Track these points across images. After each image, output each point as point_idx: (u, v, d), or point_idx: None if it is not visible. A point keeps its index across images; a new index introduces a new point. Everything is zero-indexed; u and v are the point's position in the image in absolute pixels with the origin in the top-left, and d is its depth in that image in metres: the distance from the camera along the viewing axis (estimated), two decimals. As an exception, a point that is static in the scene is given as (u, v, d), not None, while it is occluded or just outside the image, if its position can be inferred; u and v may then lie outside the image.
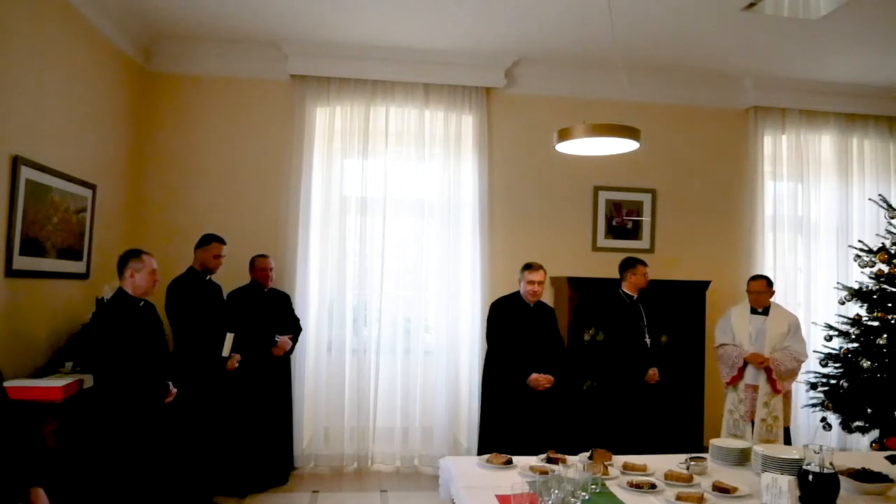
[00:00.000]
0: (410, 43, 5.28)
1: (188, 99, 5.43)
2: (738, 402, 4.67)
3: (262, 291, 4.88)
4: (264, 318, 4.79)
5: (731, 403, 4.72)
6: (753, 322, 4.75)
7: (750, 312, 4.79)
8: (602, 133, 3.42)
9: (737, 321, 4.78)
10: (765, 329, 4.69)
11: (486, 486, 2.47)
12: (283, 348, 4.79)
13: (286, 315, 4.98)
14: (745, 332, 4.72)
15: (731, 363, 4.69)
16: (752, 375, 4.66)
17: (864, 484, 2.51)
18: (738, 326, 4.76)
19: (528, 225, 5.79)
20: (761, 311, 4.78)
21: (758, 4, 4.36)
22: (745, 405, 4.64)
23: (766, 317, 4.75)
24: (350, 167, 5.53)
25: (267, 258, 4.91)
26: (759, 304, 4.78)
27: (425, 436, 5.46)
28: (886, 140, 6.24)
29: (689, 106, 6.04)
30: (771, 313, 4.75)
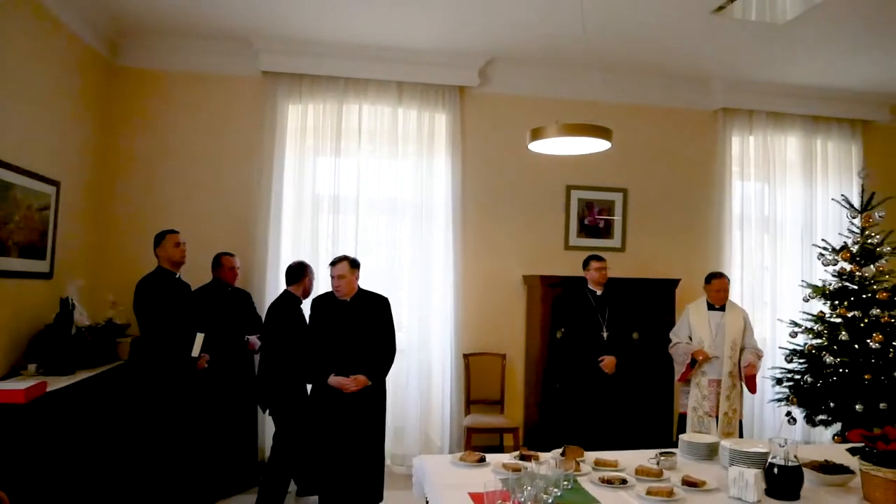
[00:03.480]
0: (384, 41, 5.26)
1: (156, 94, 5.34)
2: (702, 399, 4.73)
3: (226, 290, 4.82)
4: (230, 318, 4.74)
5: (695, 400, 4.76)
6: (712, 318, 4.84)
7: (707, 309, 4.89)
8: (574, 133, 3.45)
9: (696, 319, 4.85)
10: (723, 324, 4.80)
11: (460, 485, 2.47)
12: (255, 347, 4.76)
13: (249, 314, 4.94)
14: (706, 329, 4.81)
15: (680, 360, 4.79)
16: (716, 371, 4.74)
17: (827, 476, 2.58)
18: (697, 324, 4.83)
19: (500, 224, 5.82)
20: (718, 307, 4.88)
21: (726, 8, 4.43)
22: (710, 401, 4.72)
23: (722, 312, 4.86)
24: (322, 165, 5.48)
25: (234, 256, 4.86)
26: (721, 301, 4.88)
27: (397, 435, 5.44)
28: (849, 142, 6.41)
29: (659, 107, 6.12)
30: (727, 309, 4.88)
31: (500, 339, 5.75)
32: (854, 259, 5.16)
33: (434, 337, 5.57)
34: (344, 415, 3.98)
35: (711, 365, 4.74)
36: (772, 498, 2.39)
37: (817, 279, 5.47)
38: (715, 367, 4.74)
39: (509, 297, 5.81)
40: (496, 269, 5.78)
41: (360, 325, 4.09)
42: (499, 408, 5.60)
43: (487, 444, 5.41)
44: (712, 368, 4.74)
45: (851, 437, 2.48)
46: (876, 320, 4.92)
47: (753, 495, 2.34)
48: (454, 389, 5.53)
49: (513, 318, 5.82)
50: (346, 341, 4.05)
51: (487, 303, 5.75)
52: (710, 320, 4.83)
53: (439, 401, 5.55)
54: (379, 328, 4.15)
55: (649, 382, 5.44)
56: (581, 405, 4.80)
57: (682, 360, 4.79)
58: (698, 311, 4.89)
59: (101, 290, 4.90)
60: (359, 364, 4.03)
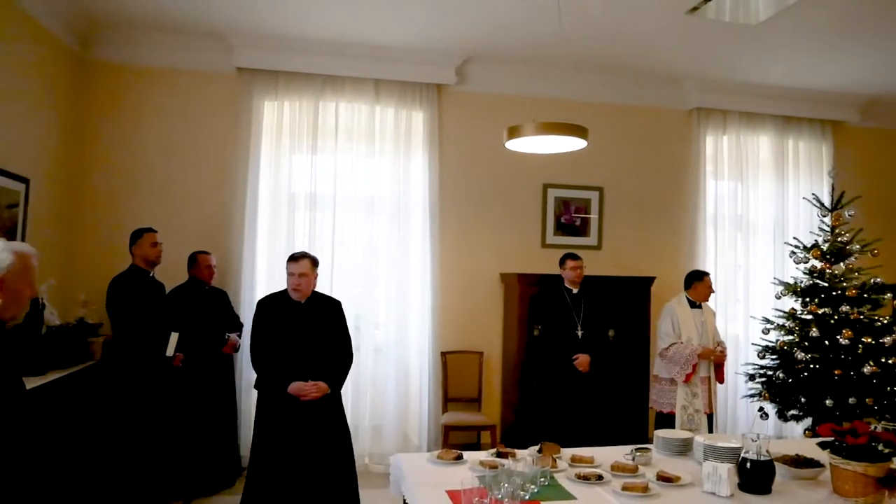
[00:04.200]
0: (360, 38, 5.23)
1: (129, 90, 5.25)
2: (693, 397, 4.75)
3: (203, 289, 4.77)
4: (208, 317, 4.69)
5: (685, 399, 4.76)
6: (695, 316, 4.91)
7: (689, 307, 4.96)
8: (551, 131, 3.47)
9: (683, 318, 4.88)
10: (704, 321, 4.90)
11: (437, 483, 2.47)
12: (234, 345, 4.72)
13: (227, 313, 4.89)
14: (693, 326, 4.84)
15: (683, 361, 4.75)
16: (705, 368, 4.82)
17: (798, 469, 2.63)
18: (685, 323, 4.86)
19: (478, 222, 5.83)
20: (697, 304, 4.96)
21: (700, 8, 4.48)
22: (702, 398, 4.75)
23: (700, 310, 4.95)
24: (299, 163, 5.44)
25: (210, 255, 4.80)
26: (706, 299, 4.95)
27: (375, 434, 5.43)
28: (819, 142, 6.52)
29: (635, 106, 6.17)
30: (703, 306, 4.97)
31: (477, 338, 5.76)
32: (824, 257, 5.25)
33: (412, 335, 5.57)
34: (304, 426, 3.57)
35: (701, 363, 4.79)
36: (744, 492, 2.42)
37: (789, 277, 5.56)
38: (704, 364, 4.81)
39: (487, 295, 5.83)
40: (473, 268, 5.79)
41: (316, 330, 3.70)
42: (476, 405, 5.62)
43: (465, 442, 5.42)
44: (702, 366, 4.80)
45: (822, 431, 2.53)
46: (845, 317, 5.02)
47: (727, 489, 2.37)
48: (432, 387, 5.53)
49: (490, 317, 5.83)
50: (302, 346, 3.64)
51: (465, 301, 5.76)
52: (695, 318, 4.89)
53: (417, 399, 5.55)
54: (335, 333, 3.78)
55: (624, 379, 5.49)
56: (557, 402, 4.84)
57: (685, 361, 4.73)
58: (683, 309, 4.91)
59: (73, 289, 4.82)
60: (316, 371, 3.62)
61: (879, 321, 5.11)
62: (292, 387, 3.55)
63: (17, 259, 2.01)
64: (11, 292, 1.99)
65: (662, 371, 4.90)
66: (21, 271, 2.02)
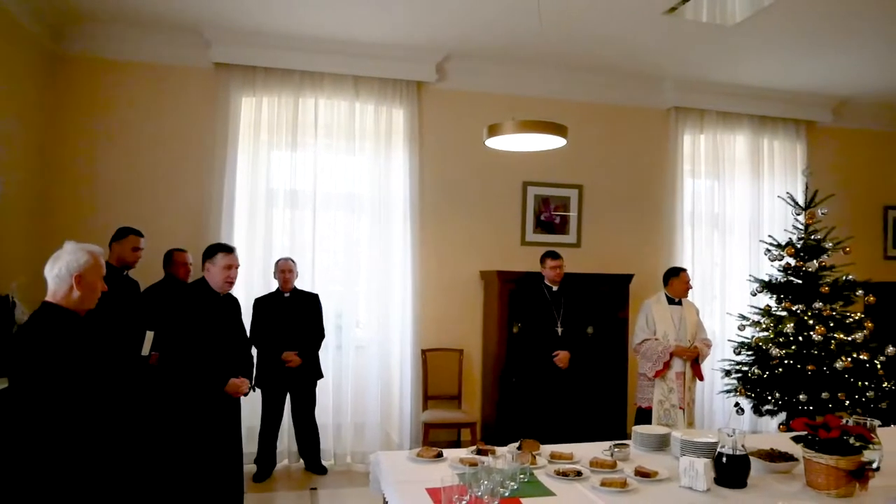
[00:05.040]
0: (339, 34, 5.21)
1: (104, 85, 5.17)
2: (668, 392, 4.80)
3: (179, 287, 4.71)
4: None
5: (661, 394, 4.81)
6: (673, 312, 4.95)
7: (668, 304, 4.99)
8: (530, 129, 3.48)
9: (659, 314, 4.91)
10: (684, 317, 4.93)
11: (417, 480, 2.47)
12: None
13: None
14: (670, 323, 4.88)
15: (655, 358, 4.81)
16: (680, 364, 4.85)
17: (773, 463, 2.67)
18: (661, 319, 4.89)
19: (458, 220, 5.83)
20: (676, 301, 4.99)
21: (678, 9, 4.53)
22: (677, 394, 4.80)
23: (681, 307, 4.98)
24: (277, 159, 5.41)
25: (186, 252, 4.75)
26: (685, 294, 4.99)
27: (357, 432, 5.42)
28: (794, 141, 6.62)
29: (614, 105, 6.22)
30: (683, 302, 5.00)
31: (457, 335, 5.77)
32: (798, 254, 5.34)
33: (393, 333, 5.56)
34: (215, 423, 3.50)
35: (676, 359, 4.83)
36: (721, 486, 2.45)
37: (764, 274, 5.64)
38: (679, 360, 4.84)
39: (467, 292, 5.84)
40: (454, 265, 5.80)
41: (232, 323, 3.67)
42: (456, 403, 5.63)
43: (445, 440, 5.43)
44: (677, 362, 4.84)
45: (795, 425, 2.57)
46: (818, 313, 5.11)
47: (703, 484, 2.40)
48: (412, 385, 5.53)
49: (470, 314, 5.84)
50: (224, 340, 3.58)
51: (445, 298, 5.76)
52: (672, 314, 4.92)
53: (397, 397, 5.54)
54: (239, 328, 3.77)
55: (603, 376, 5.54)
56: (537, 399, 4.86)
57: (657, 357, 4.80)
58: (660, 305, 4.94)
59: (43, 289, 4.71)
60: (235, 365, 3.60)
61: (851, 317, 5.21)
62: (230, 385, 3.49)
63: (91, 258, 2.38)
64: (88, 286, 2.36)
65: (642, 367, 4.95)
66: (94, 268, 2.38)
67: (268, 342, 4.90)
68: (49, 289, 2.37)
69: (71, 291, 2.35)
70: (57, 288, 2.36)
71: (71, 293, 2.35)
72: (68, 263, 2.35)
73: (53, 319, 2.31)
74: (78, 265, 2.35)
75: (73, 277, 2.34)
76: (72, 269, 2.35)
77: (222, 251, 3.58)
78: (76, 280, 2.35)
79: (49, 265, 2.37)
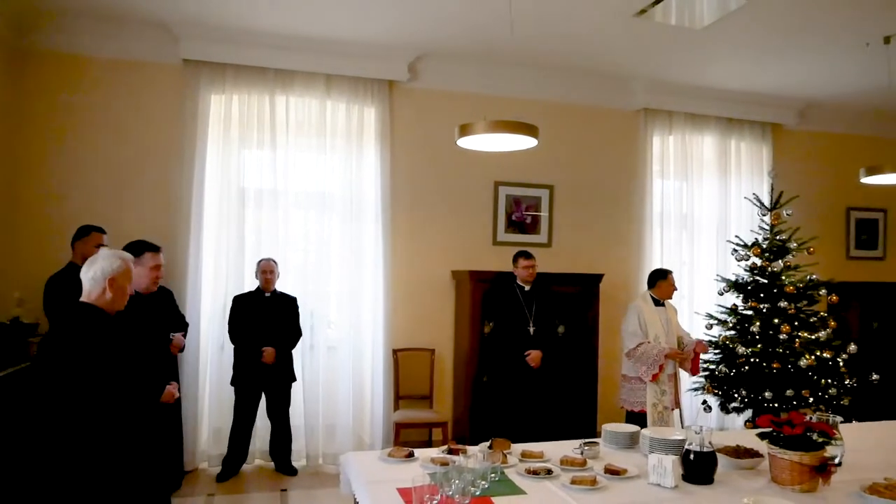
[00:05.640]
0: (311, 32, 5.16)
1: (70, 80, 5.05)
2: (661, 395, 4.67)
3: None
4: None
5: (655, 397, 4.67)
6: (660, 314, 4.82)
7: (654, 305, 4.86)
8: (502, 129, 3.49)
9: (649, 317, 4.75)
10: (668, 319, 4.85)
11: (388, 480, 2.46)
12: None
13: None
14: (660, 325, 4.75)
15: (650, 361, 4.62)
16: (671, 365, 4.77)
17: (739, 460, 2.71)
18: (651, 321, 4.74)
19: (430, 219, 5.83)
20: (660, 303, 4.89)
21: (648, 11, 4.58)
22: (669, 395, 4.70)
23: (664, 308, 4.88)
24: (248, 158, 5.34)
25: None
26: (670, 297, 4.90)
27: (328, 433, 5.38)
28: (760, 143, 6.75)
29: (585, 106, 6.27)
30: (666, 304, 4.93)
31: (429, 335, 5.76)
32: (764, 254, 5.44)
33: (364, 333, 5.53)
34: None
35: (668, 361, 4.72)
36: (688, 482, 2.49)
37: (731, 273, 5.74)
38: (670, 362, 4.75)
39: (438, 292, 5.83)
40: (426, 265, 5.79)
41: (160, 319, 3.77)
42: (428, 402, 5.62)
43: (417, 440, 5.42)
44: (668, 364, 4.73)
45: (761, 422, 2.61)
46: (784, 312, 5.21)
47: (671, 481, 2.43)
48: (384, 385, 5.50)
49: (442, 314, 5.84)
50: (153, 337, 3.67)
51: (417, 298, 5.75)
52: (660, 316, 4.81)
53: (369, 397, 5.52)
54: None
55: (574, 375, 5.58)
56: (508, 398, 4.88)
57: (652, 361, 4.62)
58: (649, 309, 4.79)
59: (7, 288, 4.61)
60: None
61: (815, 316, 5.33)
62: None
63: (123, 263, 2.65)
64: (119, 289, 2.62)
65: (630, 370, 4.76)
66: (125, 273, 2.65)
67: (245, 341, 4.85)
68: (84, 289, 2.60)
69: (104, 293, 2.58)
70: (91, 289, 2.59)
71: (104, 294, 2.59)
72: (103, 268, 2.60)
73: (86, 317, 2.54)
74: (111, 269, 2.60)
75: (106, 280, 2.58)
76: (106, 273, 2.59)
77: (150, 250, 3.54)
78: (109, 283, 2.58)
79: (85, 268, 2.63)
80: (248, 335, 4.88)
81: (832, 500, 2.35)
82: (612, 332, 6.07)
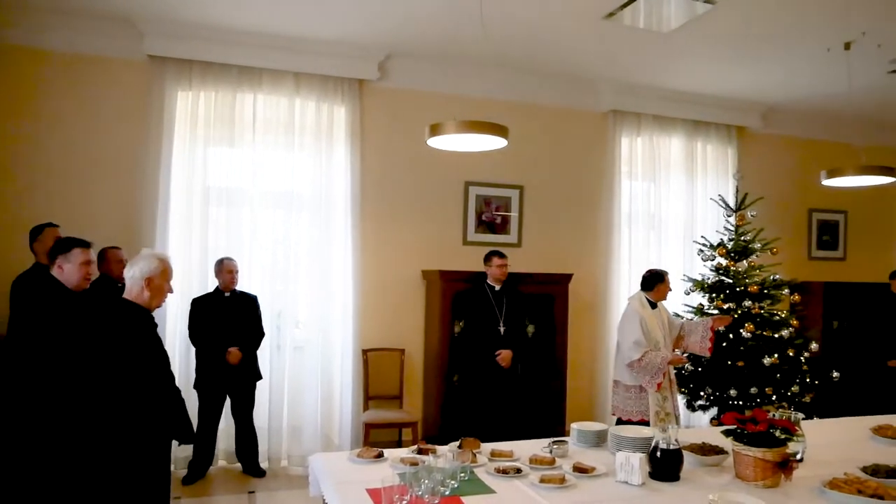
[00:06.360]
0: (280, 29, 5.10)
1: (31, 75, 4.91)
2: (664, 401, 4.49)
3: (115, 287, 4.53)
4: None
5: (657, 404, 4.46)
6: (657, 317, 4.63)
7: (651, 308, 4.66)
8: (472, 129, 3.49)
9: (650, 322, 4.54)
10: (664, 321, 4.67)
11: (357, 481, 2.44)
12: None
13: None
14: (659, 330, 4.57)
15: (655, 370, 4.38)
16: (671, 370, 4.60)
17: (704, 457, 2.75)
18: (653, 327, 4.53)
19: (400, 219, 5.81)
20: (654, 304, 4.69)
21: (616, 14, 4.63)
22: (671, 401, 4.55)
23: (657, 309, 4.68)
24: (215, 156, 5.26)
25: (119, 250, 4.58)
26: (665, 298, 4.74)
27: (294, 435, 5.33)
28: (725, 145, 6.87)
29: (555, 107, 6.31)
30: (658, 305, 4.72)
31: (399, 335, 5.74)
32: (729, 255, 5.55)
33: (333, 333, 5.49)
34: None
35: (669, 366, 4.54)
36: (655, 480, 2.52)
37: (697, 273, 5.84)
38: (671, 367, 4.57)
39: (409, 292, 5.82)
40: (396, 264, 5.77)
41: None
42: (398, 402, 5.60)
43: (386, 440, 5.40)
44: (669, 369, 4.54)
45: (726, 420, 2.66)
46: (748, 311, 5.31)
47: (638, 478, 2.46)
48: (353, 386, 5.47)
49: (412, 314, 5.83)
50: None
51: (387, 298, 5.72)
52: (658, 320, 4.61)
53: (338, 398, 5.48)
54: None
55: (544, 374, 5.61)
56: (479, 398, 4.89)
57: (656, 369, 4.38)
58: (647, 314, 4.55)
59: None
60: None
61: (778, 315, 5.45)
62: None
63: (160, 263, 2.85)
64: (157, 288, 2.84)
65: (629, 378, 4.50)
66: (162, 273, 2.85)
67: (207, 343, 4.78)
68: (126, 287, 2.83)
69: (142, 291, 2.81)
70: (131, 287, 2.82)
71: (142, 293, 2.81)
72: (141, 268, 2.80)
73: (127, 313, 2.80)
74: (149, 269, 2.81)
75: (143, 280, 2.79)
76: (144, 273, 2.80)
77: (79, 246, 3.41)
78: (146, 282, 2.80)
79: (127, 268, 2.85)
80: (210, 337, 4.80)
81: (794, 495, 2.40)
82: (581, 331, 6.14)
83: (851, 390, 6.11)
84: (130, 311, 2.82)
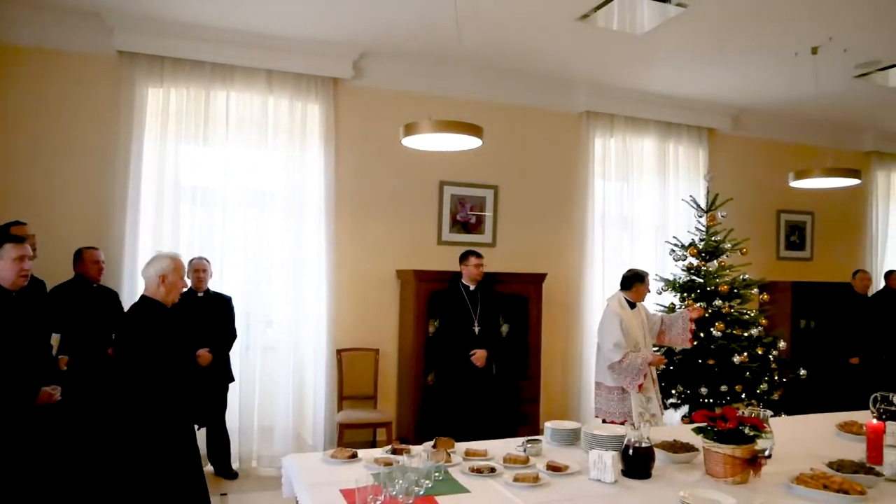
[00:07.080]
0: (253, 26, 5.05)
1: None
2: (647, 402, 4.49)
3: (90, 287, 4.45)
4: (94, 317, 4.37)
5: (640, 405, 4.44)
6: (636, 318, 4.61)
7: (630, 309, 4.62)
8: (446, 129, 3.50)
9: (629, 324, 4.49)
10: (643, 321, 4.66)
11: (331, 482, 2.43)
12: None
13: (116, 313, 4.58)
14: (639, 330, 4.55)
15: (635, 372, 4.36)
16: (652, 370, 4.59)
17: (675, 454, 2.79)
18: (632, 328, 4.50)
19: (374, 218, 5.79)
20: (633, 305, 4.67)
21: (590, 16, 4.66)
22: (656, 401, 4.55)
23: (636, 309, 4.66)
24: (186, 154, 5.19)
25: (97, 250, 4.50)
26: (644, 299, 4.74)
27: (264, 436, 5.28)
28: (697, 147, 6.97)
29: (529, 107, 6.34)
30: (637, 305, 4.68)
31: (373, 334, 5.72)
32: (700, 255, 5.62)
33: (307, 333, 5.45)
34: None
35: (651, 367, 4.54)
36: (628, 477, 2.54)
37: (669, 273, 5.91)
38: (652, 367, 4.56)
39: (383, 291, 5.80)
40: (370, 264, 5.75)
41: None
42: (372, 403, 5.58)
43: (361, 440, 5.38)
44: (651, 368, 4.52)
45: (696, 417, 2.69)
46: (718, 311, 5.39)
47: (611, 476, 2.48)
48: (327, 386, 5.44)
49: (386, 313, 5.81)
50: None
51: (361, 298, 5.70)
52: (637, 321, 4.58)
53: (311, 398, 5.44)
54: None
55: (518, 373, 5.63)
56: (453, 398, 4.89)
57: (637, 371, 4.35)
58: (626, 315, 4.51)
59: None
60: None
61: (747, 314, 5.54)
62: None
63: (172, 262, 3.11)
64: (171, 284, 3.09)
65: (610, 380, 4.49)
66: (175, 270, 3.11)
67: None
68: (145, 285, 3.11)
69: (158, 288, 3.07)
70: (149, 284, 3.09)
71: (158, 289, 3.07)
72: (156, 267, 3.07)
73: (147, 308, 3.06)
74: (162, 268, 3.06)
75: (158, 277, 3.05)
76: (158, 271, 3.06)
77: (11, 241, 3.24)
78: (161, 279, 3.06)
79: (144, 268, 3.15)
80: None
81: (763, 490, 2.44)
82: (554, 330, 6.18)
83: (818, 388, 6.23)
84: (149, 306, 3.06)
